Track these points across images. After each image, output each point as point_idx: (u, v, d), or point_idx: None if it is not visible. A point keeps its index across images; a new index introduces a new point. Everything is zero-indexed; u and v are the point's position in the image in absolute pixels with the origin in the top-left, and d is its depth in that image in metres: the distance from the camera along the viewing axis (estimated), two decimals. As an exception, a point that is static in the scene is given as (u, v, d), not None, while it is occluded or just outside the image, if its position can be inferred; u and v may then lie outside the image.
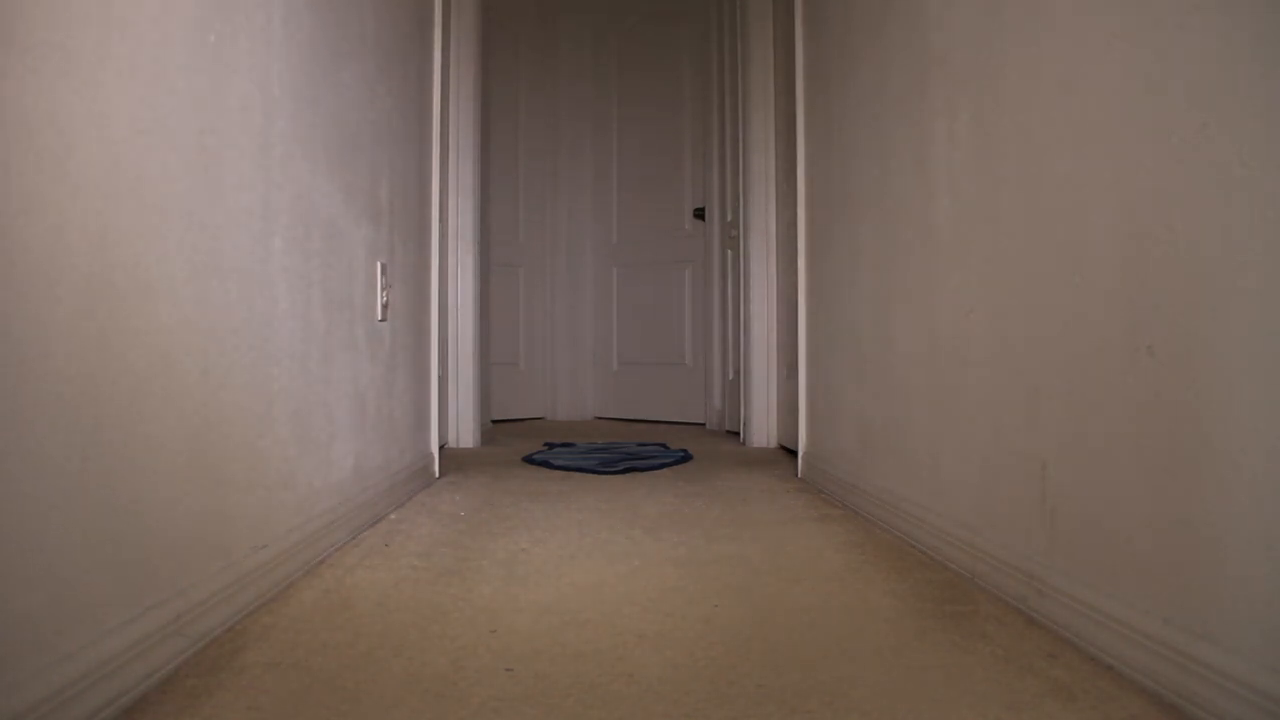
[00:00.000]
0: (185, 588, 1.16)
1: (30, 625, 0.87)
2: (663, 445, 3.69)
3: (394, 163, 2.33)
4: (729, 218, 4.16)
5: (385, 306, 2.22)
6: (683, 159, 4.78)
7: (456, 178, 3.64)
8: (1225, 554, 0.96)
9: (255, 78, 1.42)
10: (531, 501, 2.37)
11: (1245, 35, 0.94)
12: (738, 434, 3.97)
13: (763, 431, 3.71)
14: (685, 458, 3.28)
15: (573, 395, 5.11)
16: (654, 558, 1.73)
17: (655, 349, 4.88)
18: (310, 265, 1.68)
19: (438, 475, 2.78)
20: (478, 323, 3.75)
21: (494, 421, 4.31)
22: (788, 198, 3.37)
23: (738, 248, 3.94)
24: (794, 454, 3.18)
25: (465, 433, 3.67)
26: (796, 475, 2.86)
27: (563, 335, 5.11)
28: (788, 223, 3.40)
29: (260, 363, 1.44)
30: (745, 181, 3.76)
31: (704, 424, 4.58)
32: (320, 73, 1.73)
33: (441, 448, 3.00)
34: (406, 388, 2.47)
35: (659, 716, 0.99)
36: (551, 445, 3.70)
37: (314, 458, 1.69)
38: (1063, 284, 1.29)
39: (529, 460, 3.21)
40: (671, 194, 4.81)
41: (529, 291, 4.97)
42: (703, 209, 4.50)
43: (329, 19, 1.78)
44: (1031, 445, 1.38)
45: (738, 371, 4.00)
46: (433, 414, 2.78)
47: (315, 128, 1.71)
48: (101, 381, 0.99)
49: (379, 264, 2.17)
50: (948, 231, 1.72)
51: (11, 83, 0.85)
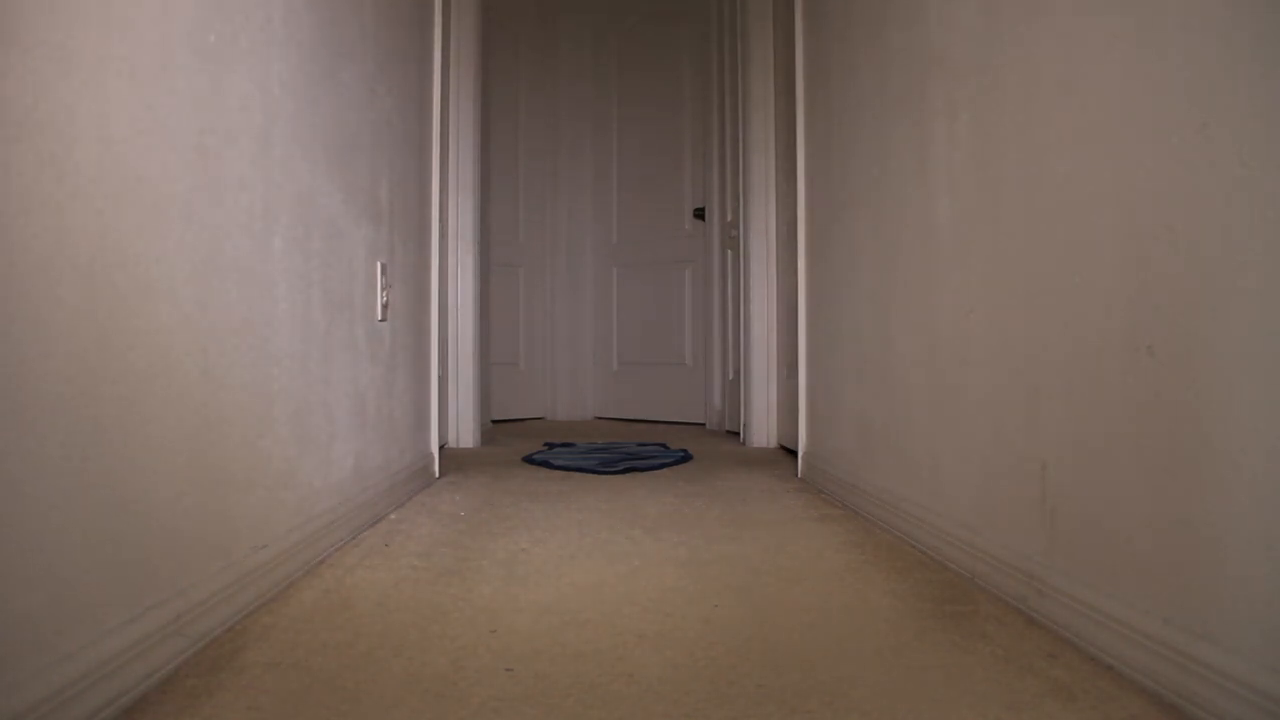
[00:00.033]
0: (185, 588, 1.16)
1: (30, 625, 0.87)
2: (663, 445, 3.69)
3: (394, 162, 2.33)
4: (729, 218, 4.16)
5: (385, 306, 2.22)
6: (683, 159, 4.78)
7: (456, 178, 3.64)
8: (1225, 554, 0.96)
9: (255, 77, 1.42)
10: (531, 501, 2.37)
11: (1245, 35, 0.94)
12: (738, 434, 3.97)
13: (763, 431, 3.71)
14: (685, 458, 3.28)
15: (573, 395, 5.11)
16: (654, 558, 1.73)
17: (655, 349, 4.88)
18: (310, 265, 1.68)
19: (438, 475, 2.78)
20: (478, 323, 3.75)
21: (494, 421, 4.31)
22: (788, 198, 3.37)
23: (738, 248, 3.93)
24: (794, 454, 3.18)
25: (465, 433, 3.67)
26: (796, 475, 2.86)
27: (563, 335, 5.11)
28: (788, 223, 3.40)
29: (260, 362, 1.44)
30: (745, 181, 3.76)
31: (704, 424, 4.58)
32: (320, 72, 1.73)
33: (441, 448, 3.00)
34: (406, 388, 2.47)
35: (659, 716, 0.99)
36: (551, 445, 3.70)
37: (314, 458, 1.69)
38: (1063, 284, 1.28)
39: (529, 460, 3.21)
40: (671, 194, 4.81)
41: (529, 291, 4.97)
42: (703, 209, 4.50)
43: (329, 19, 1.78)
44: (1031, 445, 1.38)
45: (738, 371, 4.00)
46: (433, 414, 2.78)
47: (315, 127, 1.71)
48: (101, 381, 0.99)
49: (379, 264, 2.17)
50: (947, 231, 1.72)
51: (11, 83, 0.85)
